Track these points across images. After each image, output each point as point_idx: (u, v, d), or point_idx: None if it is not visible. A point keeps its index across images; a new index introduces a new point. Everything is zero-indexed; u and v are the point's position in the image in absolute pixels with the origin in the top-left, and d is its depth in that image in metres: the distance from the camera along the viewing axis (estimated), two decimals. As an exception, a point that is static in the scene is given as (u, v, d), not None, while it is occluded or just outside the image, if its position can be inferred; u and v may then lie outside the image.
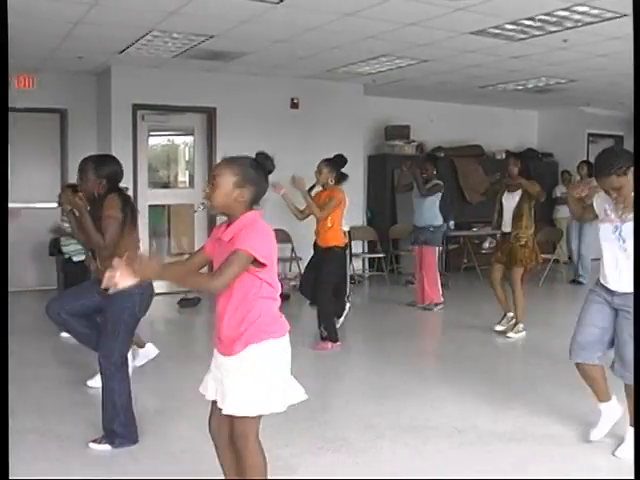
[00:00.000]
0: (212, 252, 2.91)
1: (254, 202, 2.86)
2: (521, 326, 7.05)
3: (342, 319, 7.21)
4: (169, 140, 10.82)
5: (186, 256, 3.16)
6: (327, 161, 6.69)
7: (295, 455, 3.92)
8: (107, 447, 4.02)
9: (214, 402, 2.95)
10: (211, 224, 9.71)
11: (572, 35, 7.17)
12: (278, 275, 2.90)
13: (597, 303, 3.97)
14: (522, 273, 7.04)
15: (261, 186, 2.86)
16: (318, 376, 5.78)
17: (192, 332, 7.84)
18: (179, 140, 10.79)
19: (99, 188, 3.98)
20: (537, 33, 7.18)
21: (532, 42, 7.56)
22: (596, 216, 4.05)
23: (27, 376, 5.58)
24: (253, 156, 2.91)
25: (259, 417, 2.86)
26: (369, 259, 11.38)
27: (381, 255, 11.00)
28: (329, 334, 6.59)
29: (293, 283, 9.89)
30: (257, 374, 2.80)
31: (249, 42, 7.86)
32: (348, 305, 7.45)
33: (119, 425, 4.04)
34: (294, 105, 10.43)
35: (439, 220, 8.56)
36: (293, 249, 9.83)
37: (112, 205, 3.94)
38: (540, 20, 6.67)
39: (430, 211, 8.48)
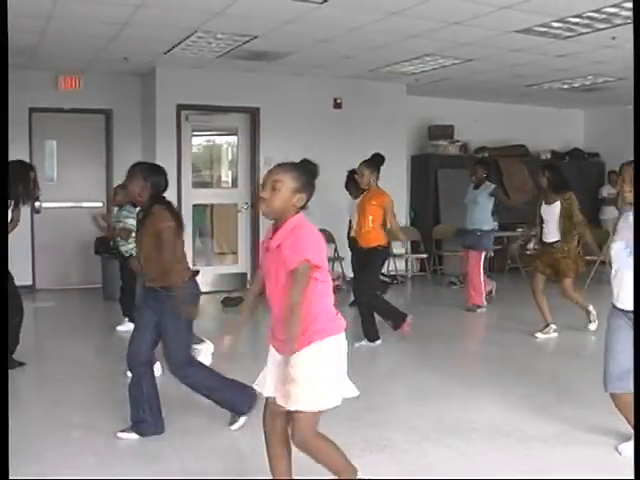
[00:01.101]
0: (262, 262, 2.99)
1: (304, 207, 2.93)
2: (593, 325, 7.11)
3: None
4: (212, 140, 10.89)
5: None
6: (366, 163, 6.71)
7: (338, 455, 3.91)
8: (134, 436, 4.16)
9: (268, 398, 3.00)
10: (254, 224, 9.75)
11: (621, 32, 7.01)
12: None
13: (620, 328, 3.82)
14: (571, 282, 6.98)
15: (312, 192, 2.95)
16: (360, 376, 5.66)
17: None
18: (222, 140, 10.85)
19: (143, 191, 4.16)
20: (584, 31, 7.06)
21: (579, 40, 7.44)
22: None
23: (73, 372, 5.67)
24: (293, 159, 2.99)
25: (320, 413, 2.92)
26: (412, 259, 11.32)
27: (424, 255, 10.95)
28: (393, 321, 6.85)
29: (336, 283, 9.87)
30: (321, 370, 2.88)
31: (292, 42, 7.88)
32: None
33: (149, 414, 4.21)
34: (337, 105, 10.42)
35: (489, 225, 8.42)
36: (336, 249, 9.81)
37: (163, 218, 4.10)
38: (588, 17, 6.56)
39: (481, 215, 8.34)
